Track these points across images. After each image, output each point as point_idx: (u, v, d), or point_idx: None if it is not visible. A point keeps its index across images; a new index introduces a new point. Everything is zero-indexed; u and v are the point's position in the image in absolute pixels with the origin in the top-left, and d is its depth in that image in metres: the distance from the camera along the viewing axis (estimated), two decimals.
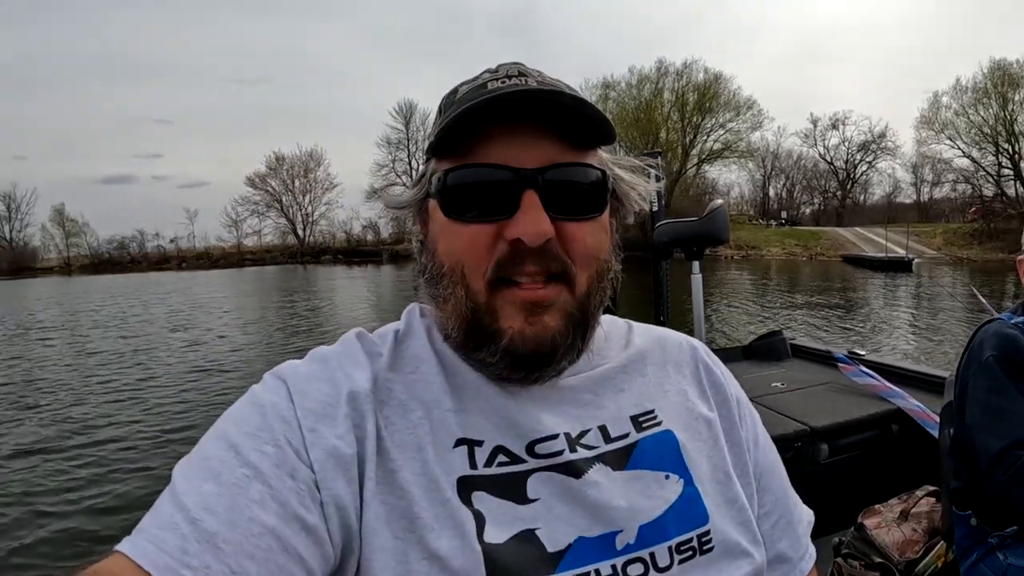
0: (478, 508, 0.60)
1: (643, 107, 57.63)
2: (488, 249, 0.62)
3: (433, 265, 0.67)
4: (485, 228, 0.62)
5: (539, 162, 0.62)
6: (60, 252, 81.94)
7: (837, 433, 2.25)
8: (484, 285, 0.62)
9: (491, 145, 0.62)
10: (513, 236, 0.60)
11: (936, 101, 55.53)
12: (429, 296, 0.69)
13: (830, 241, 49.34)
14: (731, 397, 0.80)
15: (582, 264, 0.64)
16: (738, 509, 0.70)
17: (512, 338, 0.62)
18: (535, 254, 0.61)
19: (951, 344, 11.45)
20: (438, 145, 0.63)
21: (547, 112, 0.61)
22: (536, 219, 0.60)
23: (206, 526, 0.49)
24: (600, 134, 0.65)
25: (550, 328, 0.63)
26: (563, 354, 0.65)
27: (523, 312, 0.62)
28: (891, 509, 1.90)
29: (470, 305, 0.63)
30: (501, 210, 0.61)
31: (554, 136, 0.63)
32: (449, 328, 0.66)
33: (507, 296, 0.62)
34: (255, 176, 78.38)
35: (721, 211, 2.42)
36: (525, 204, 0.60)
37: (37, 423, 7.58)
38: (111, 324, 18.45)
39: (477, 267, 0.62)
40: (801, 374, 2.89)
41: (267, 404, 0.60)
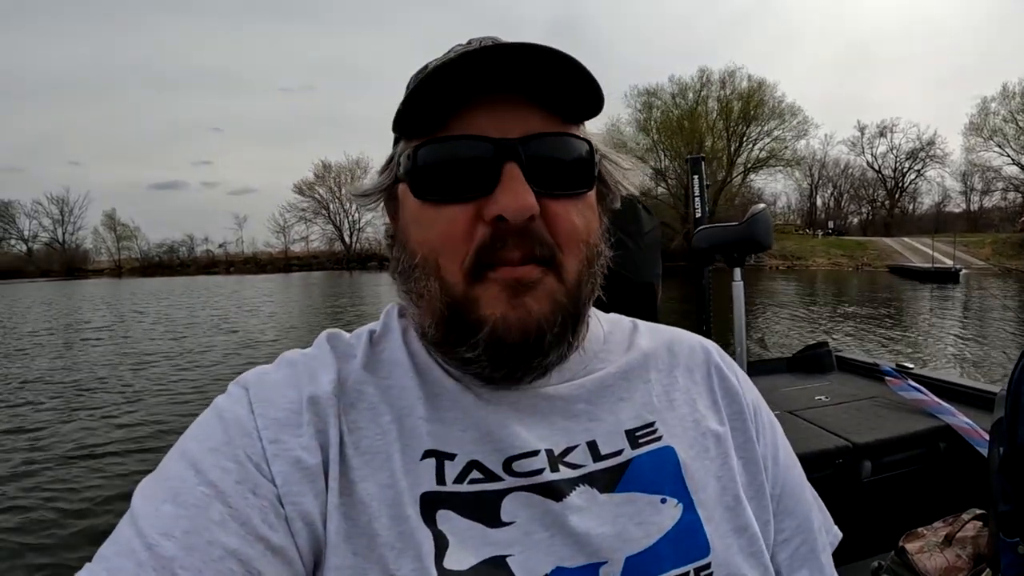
0: (441, 529, 0.53)
1: (687, 115, 57.00)
2: (466, 233, 0.55)
3: (405, 257, 0.61)
4: (462, 209, 0.55)
5: (519, 132, 0.55)
6: (111, 255, 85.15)
7: (881, 450, 2.16)
8: (462, 276, 0.55)
9: (466, 117, 0.55)
10: (494, 213, 0.53)
11: (985, 107, 54.12)
12: (403, 293, 0.63)
13: (876, 251, 48.34)
14: (747, 407, 0.70)
15: (570, 248, 0.57)
16: (748, 538, 0.61)
17: (495, 325, 0.55)
18: (518, 235, 0.54)
19: (1000, 356, 11.04)
20: (404, 120, 0.57)
21: (524, 76, 0.54)
22: (519, 192, 0.53)
23: (163, 551, 0.46)
24: (588, 101, 0.58)
25: (535, 312, 0.55)
26: (551, 345, 0.57)
27: (505, 294, 0.55)
28: (935, 533, 1.81)
29: (446, 299, 0.56)
30: (479, 187, 0.55)
31: (534, 106, 0.57)
32: (426, 326, 0.60)
33: (488, 279, 0.55)
34: (303, 184, 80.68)
35: (763, 215, 2.34)
36: (506, 177, 0.54)
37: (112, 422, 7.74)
38: (177, 324, 19.00)
39: (454, 255, 0.56)
40: (846, 388, 2.81)
41: (229, 416, 0.56)
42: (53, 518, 4.87)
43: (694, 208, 3.10)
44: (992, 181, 60.58)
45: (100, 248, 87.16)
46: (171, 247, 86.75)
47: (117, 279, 68.39)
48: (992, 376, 9.71)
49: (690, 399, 0.68)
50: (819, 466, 2.05)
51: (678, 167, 55.54)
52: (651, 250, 1.82)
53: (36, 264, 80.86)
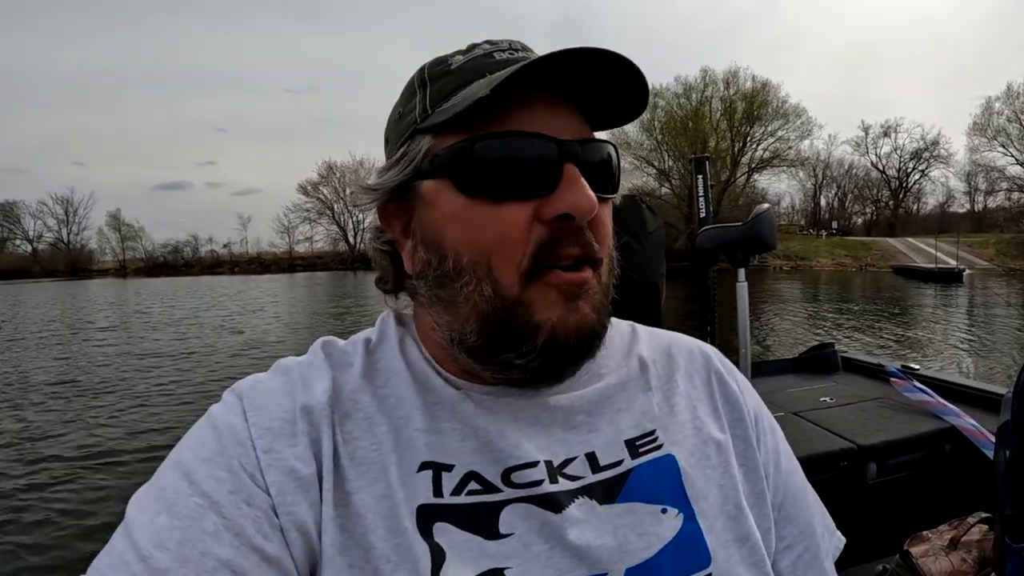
0: (438, 542, 0.53)
1: (691, 115, 56.91)
2: (524, 233, 0.54)
3: (441, 260, 0.57)
4: (521, 208, 0.54)
5: (572, 135, 0.56)
6: (116, 255, 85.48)
7: (886, 452, 2.14)
8: (518, 278, 0.54)
9: (517, 115, 0.55)
10: (558, 212, 0.53)
11: (989, 107, 54.02)
12: (431, 299, 0.60)
13: (880, 252, 48.34)
14: (748, 414, 0.69)
15: (605, 250, 0.58)
16: (750, 547, 0.60)
17: (553, 330, 0.54)
18: (576, 235, 0.54)
19: (1000, 356, 11.02)
20: (459, 116, 0.54)
21: (579, 83, 0.56)
22: (586, 191, 0.54)
23: (156, 563, 0.46)
24: (630, 114, 0.60)
25: (589, 316, 0.56)
26: (597, 346, 0.59)
27: (562, 298, 0.55)
28: (940, 536, 1.80)
29: (499, 302, 0.54)
30: (542, 185, 0.54)
31: (576, 111, 0.58)
32: (467, 332, 0.57)
33: (544, 282, 0.54)
34: (307, 184, 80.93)
35: (767, 215, 2.33)
36: (569, 177, 0.54)
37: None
38: (184, 325, 19.09)
39: (510, 256, 0.54)
40: (851, 388, 2.79)
41: (222, 426, 0.55)
42: (56, 521, 4.89)
43: (698, 208, 3.08)
44: (996, 181, 60.52)
45: (105, 248, 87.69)
46: (176, 247, 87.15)
47: (122, 279, 68.59)
48: (993, 376, 9.71)
49: (691, 405, 0.68)
50: (824, 468, 2.03)
51: (682, 167, 55.48)
52: (655, 250, 1.82)
53: (41, 264, 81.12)
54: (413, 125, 0.59)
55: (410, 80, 0.63)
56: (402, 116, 0.62)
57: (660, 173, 56.82)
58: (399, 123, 0.62)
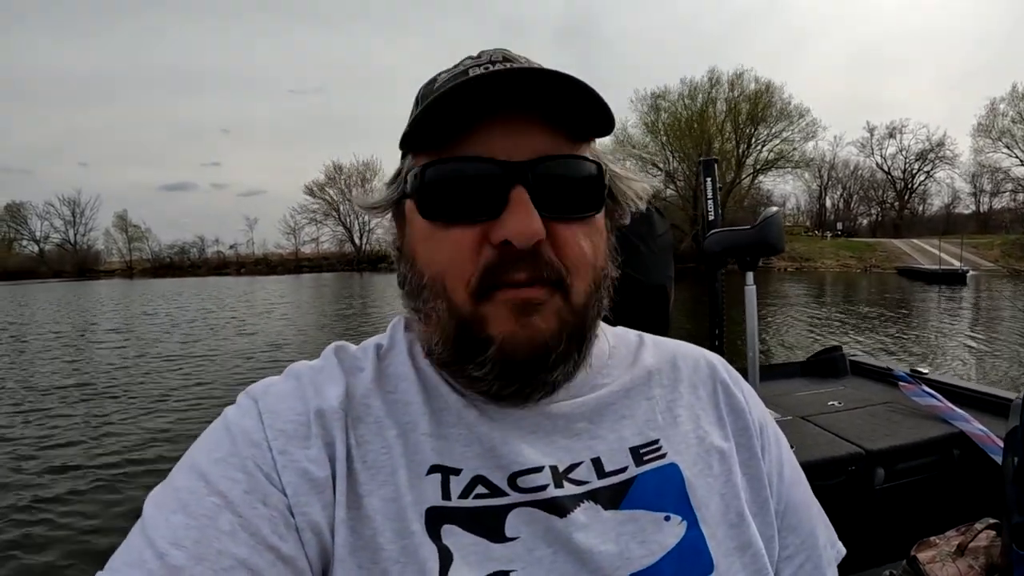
0: (446, 544, 0.53)
1: (695, 117, 56.76)
2: (472, 255, 0.55)
3: (412, 275, 0.60)
4: (469, 231, 0.55)
5: (528, 154, 0.55)
6: (123, 256, 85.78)
7: (894, 457, 2.13)
8: (468, 297, 0.55)
9: (475, 137, 0.55)
10: (500, 238, 0.53)
11: (993, 108, 53.86)
12: (411, 310, 0.62)
13: (885, 253, 48.28)
14: (752, 423, 0.70)
15: (578, 272, 0.57)
16: (752, 556, 0.60)
17: (503, 343, 0.55)
18: (526, 259, 0.54)
19: (1000, 360, 10.96)
20: (413, 137, 0.57)
21: (536, 98, 0.54)
22: (526, 217, 0.53)
23: (173, 561, 0.47)
24: (598, 121, 0.57)
25: (542, 330, 0.55)
26: (556, 362, 0.57)
27: (514, 314, 0.55)
28: (947, 542, 1.79)
29: (453, 320, 0.56)
30: (486, 209, 0.54)
31: (544, 126, 0.56)
32: (433, 344, 0.59)
33: (495, 299, 0.55)
34: (313, 185, 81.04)
35: (776, 219, 2.32)
36: (514, 201, 0.53)
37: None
38: (196, 326, 19.09)
39: (460, 276, 0.55)
40: (860, 392, 2.79)
41: (237, 428, 0.56)
42: (72, 520, 4.92)
43: (706, 211, 3.06)
44: (1001, 182, 60.33)
45: (111, 249, 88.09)
46: (182, 248, 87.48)
47: (129, 280, 68.85)
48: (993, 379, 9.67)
49: (694, 415, 0.68)
50: (831, 473, 2.03)
51: (686, 169, 55.40)
52: (663, 253, 1.81)
53: (48, 265, 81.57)
54: (403, 145, 0.61)
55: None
56: (402, 135, 0.62)
57: (665, 175, 56.68)
58: (401, 141, 0.63)
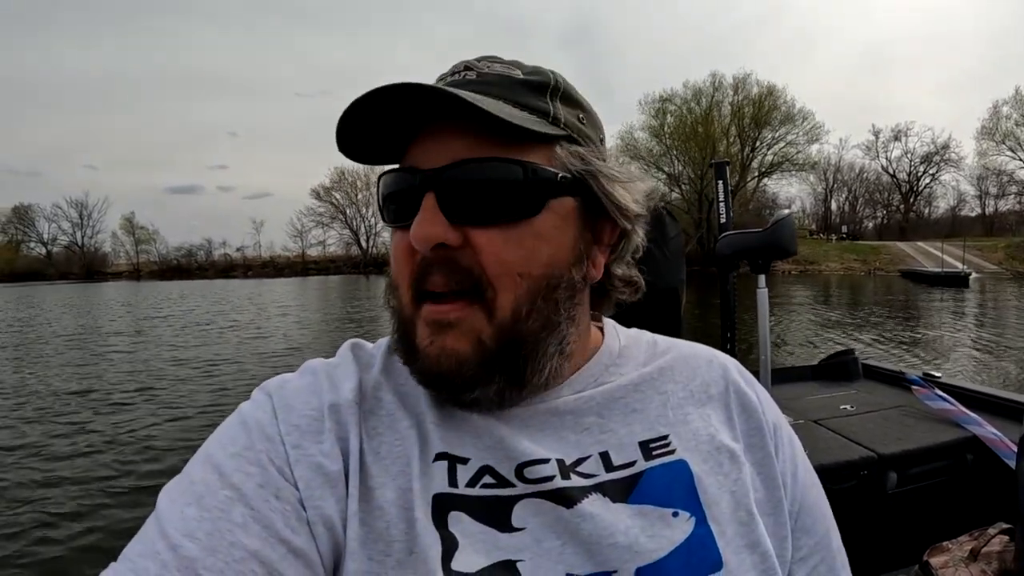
0: (452, 531, 0.54)
1: (700, 120, 56.75)
2: (408, 260, 0.58)
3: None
4: (403, 236, 0.57)
5: (445, 161, 0.55)
6: (130, 258, 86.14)
7: (907, 461, 2.12)
8: (409, 299, 0.58)
9: (413, 146, 0.59)
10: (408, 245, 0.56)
11: (997, 111, 53.74)
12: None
13: (889, 256, 48.21)
14: (766, 424, 0.69)
15: (501, 281, 0.55)
16: (761, 555, 0.60)
17: (422, 357, 0.57)
18: (437, 265, 0.55)
19: (1015, 363, 10.88)
20: (345, 149, 0.61)
21: (453, 109, 0.54)
22: (422, 222, 0.54)
23: (186, 552, 0.47)
24: (518, 130, 0.54)
25: (451, 351, 0.56)
26: (475, 381, 0.56)
27: (429, 329, 0.57)
28: (960, 547, 1.78)
29: (402, 321, 0.60)
30: (408, 216, 0.56)
31: (476, 133, 0.55)
32: (393, 341, 0.63)
33: (420, 312, 0.58)
34: (320, 189, 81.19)
35: (788, 221, 2.31)
36: (421, 208, 0.55)
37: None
38: (206, 328, 19.08)
39: (404, 279, 0.59)
40: (872, 396, 2.78)
41: (252, 422, 0.57)
42: (87, 512, 4.96)
43: (718, 213, 3.05)
44: (1006, 185, 60.19)
45: (119, 251, 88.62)
46: (189, 251, 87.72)
47: (136, 282, 69.17)
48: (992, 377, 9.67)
49: (704, 414, 0.68)
50: (843, 477, 2.02)
51: (691, 172, 55.39)
52: (675, 256, 1.81)
53: (56, 267, 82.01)
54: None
55: None
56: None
57: (669, 178, 56.64)
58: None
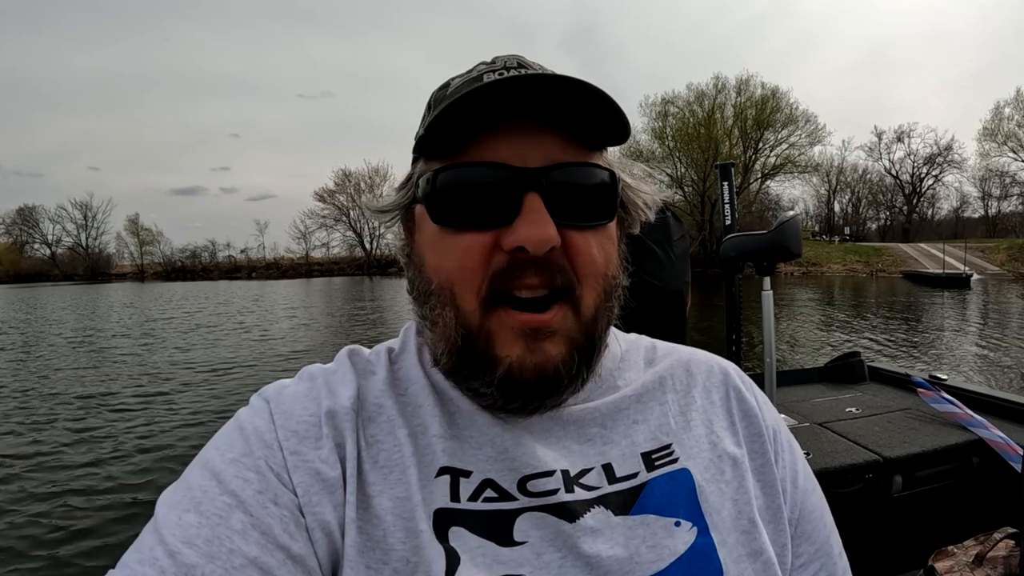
0: (453, 546, 0.53)
1: (703, 122, 56.67)
2: (483, 262, 0.55)
3: (420, 281, 0.61)
4: (480, 237, 0.55)
5: (542, 161, 0.55)
6: (134, 259, 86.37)
7: (912, 464, 2.10)
8: (478, 304, 0.55)
9: (488, 143, 0.55)
10: (513, 244, 0.53)
11: (998, 112, 53.69)
12: (418, 316, 0.63)
13: (892, 257, 48.36)
14: (766, 430, 0.69)
15: (588, 281, 0.57)
16: (763, 563, 0.59)
17: (510, 368, 0.55)
18: (537, 265, 0.54)
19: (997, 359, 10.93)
20: (427, 142, 0.57)
21: (552, 105, 0.54)
22: (541, 223, 0.53)
23: (185, 559, 0.47)
24: (613, 130, 0.58)
25: (553, 357, 0.56)
26: (567, 385, 0.58)
27: (522, 339, 0.55)
28: (965, 551, 1.77)
29: (460, 330, 0.56)
30: (499, 216, 0.54)
31: (558, 133, 0.56)
32: (439, 353, 0.60)
33: (504, 320, 0.55)
34: (323, 191, 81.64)
35: (793, 223, 2.30)
36: (527, 207, 0.54)
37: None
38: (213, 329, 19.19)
39: (470, 283, 0.55)
40: (878, 399, 2.76)
41: (249, 428, 0.57)
42: (85, 520, 4.95)
43: (724, 215, 3.04)
44: (1009, 186, 60.12)
45: (123, 252, 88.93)
46: (193, 252, 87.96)
47: (140, 283, 69.36)
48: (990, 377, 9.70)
49: (707, 420, 0.68)
50: (849, 481, 2.01)
51: (694, 174, 55.34)
52: (681, 258, 1.81)
53: (60, 268, 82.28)
54: (416, 149, 0.62)
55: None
56: (416, 138, 0.62)
57: (672, 180, 56.59)
58: (414, 144, 0.63)
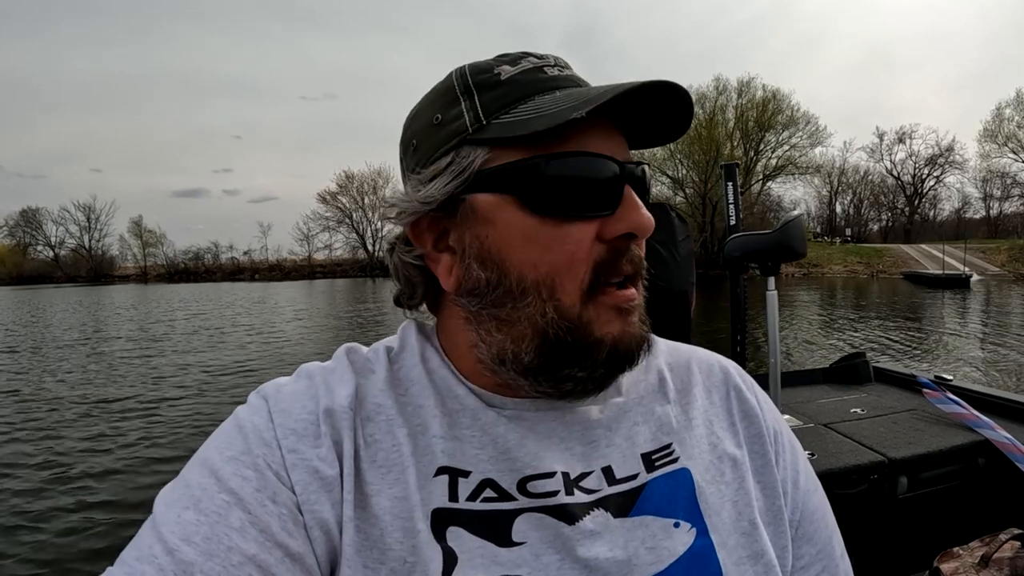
0: (451, 546, 0.53)
1: (704, 124, 56.75)
2: (589, 251, 0.55)
3: (502, 278, 0.56)
4: (588, 227, 0.55)
5: (625, 157, 0.58)
6: (137, 261, 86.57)
7: (917, 465, 2.09)
8: (579, 296, 0.55)
9: (584, 136, 0.55)
10: (620, 232, 0.56)
11: (999, 113, 53.77)
12: (483, 317, 0.59)
13: (893, 258, 48.38)
14: (766, 430, 0.69)
15: (643, 265, 0.61)
16: (764, 565, 0.59)
17: (615, 344, 0.56)
18: (628, 252, 0.57)
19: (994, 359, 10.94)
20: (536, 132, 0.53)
21: (631, 108, 0.57)
22: (645, 211, 0.57)
23: (183, 556, 0.47)
24: (672, 133, 0.63)
25: (641, 329, 0.59)
26: (643, 357, 0.61)
27: (619, 315, 0.57)
28: (971, 553, 1.76)
29: (562, 323, 0.55)
30: (606, 205, 0.56)
31: (621, 132, 0.60)
32: (521, 350, 0.56)
33: (600, 306, 0.56)
34: (326, 193, 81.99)
35: (798, 222, 2.28)
36: (629, 198, 0.57)
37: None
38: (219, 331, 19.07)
39: (575, 275, 0.55)
40: (883, 400, 2.75)
41: (248, 426, 0.57)
42: (85, 517, 4.95)
43: (727, 215, 3.04)
44: (1010, 187, 60.17)
45: (126, 254, 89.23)
46: (196, 254, 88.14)
47: (143, 285, 69.48)
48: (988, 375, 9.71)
49: (707, 420, 0.68)
50: (853, 482, 2.00)
51: (695, 176, 55.39)
52: (685, 259, 1.81)
53: (63, 270, 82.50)
54: (460, 134, 0.57)
55: (445, 86, 0.60)
56: (441, 123, 0.59)
57: (673, 182, 56.68)
58: (437, 130, 0.59)
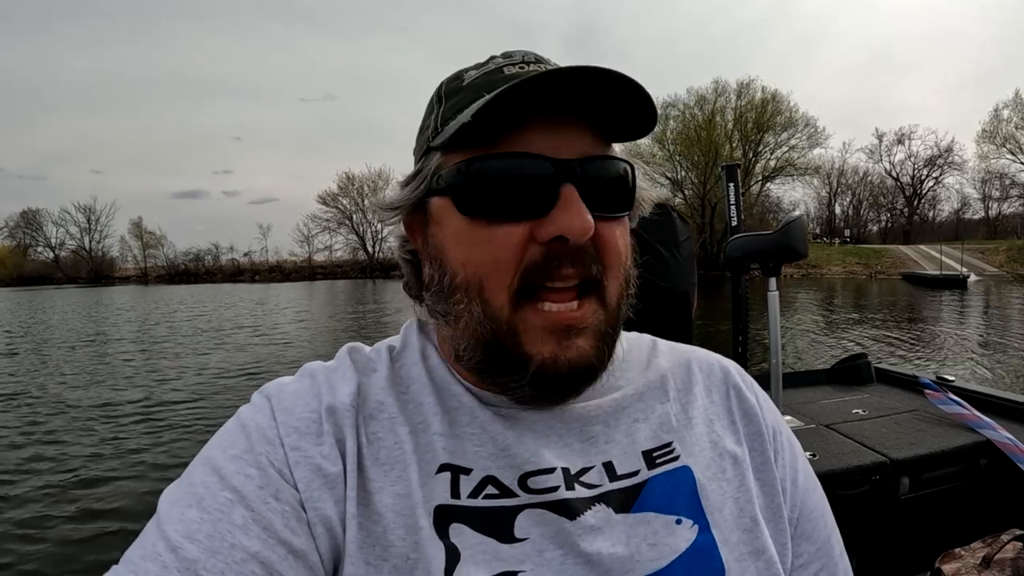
0: (454, 542, 0.53)
1: (703, 125, 56.78)
2: (516, 254, 0.54)
3: (442, 276, 0.59)
4: (515, 229, 0.54)
5: (574, 153, 0.55)
6: (138, 262, 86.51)
7: (919, 466, 2.09)
8: (508, 299, 0.55)
9: (520, 136, 0.54)
10: (552, 235, 0.53)
11: (997, 114, 53.84)
12: (437, 313, 0.62)
13: (891, 259, 48.54)
14: (766, 428, 0.69)
15: (613, 271, 0.58)
16: (765, 562, 0.59)
17: (543, 365, 0.55)
18: (573, 256, 0.54)
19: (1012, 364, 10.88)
20: (461, 134, 0.55)
21: (585, 98, 0.54)
22: (582, 213, 0.53)
23: (187, 554, 0.48)
24: (642, 124, 0.58)
25: (586, 352, 0.56)
26: (597, 375, 0.59)
27: (554, 336, 0.55)
28: (973, 554, 1.76)
29: (489, 325, 0.55)
30: (535, 207, 0.54)
31: (586, 126, 0.57)
32: (461, 349, 0.59)
33: (533, 317, 0.55)
34: (326, 195, 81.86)
35: (799, 223, 2.28)
36: (565, 198, 0.53)
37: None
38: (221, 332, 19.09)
39: (502, 277, 0.55)
40: (885, 401, 2.75)
41: (251, 424, 0.57)
42: (90, 516, 4.98)
43: (729, 216, 3.04)
44: (1008, 188, 60.28)
45: (126, 255, 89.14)
46: (197, 255, 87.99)
47: (144, 286, 69.47)
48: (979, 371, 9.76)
49: (707, 419, 0.68)
50: (855, 483, 2.00)
51: (694, 177, 55.39)
52: (686, 260, 1.81)
53: (64, 271, 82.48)
54: (428, 142, 0.61)
55: (432, 94, 0.64)
56: (421, 131, 0.63)
57: (672, 183, 56.63)
58: (419, 138, 0.63)
